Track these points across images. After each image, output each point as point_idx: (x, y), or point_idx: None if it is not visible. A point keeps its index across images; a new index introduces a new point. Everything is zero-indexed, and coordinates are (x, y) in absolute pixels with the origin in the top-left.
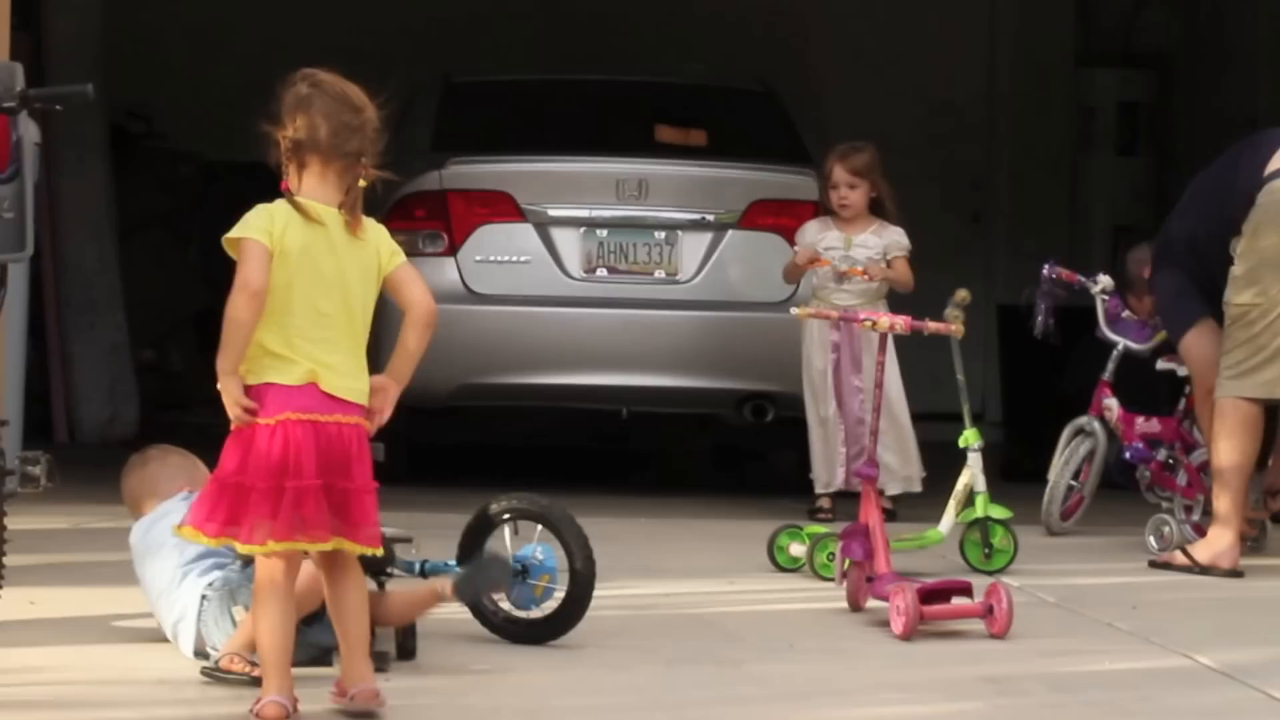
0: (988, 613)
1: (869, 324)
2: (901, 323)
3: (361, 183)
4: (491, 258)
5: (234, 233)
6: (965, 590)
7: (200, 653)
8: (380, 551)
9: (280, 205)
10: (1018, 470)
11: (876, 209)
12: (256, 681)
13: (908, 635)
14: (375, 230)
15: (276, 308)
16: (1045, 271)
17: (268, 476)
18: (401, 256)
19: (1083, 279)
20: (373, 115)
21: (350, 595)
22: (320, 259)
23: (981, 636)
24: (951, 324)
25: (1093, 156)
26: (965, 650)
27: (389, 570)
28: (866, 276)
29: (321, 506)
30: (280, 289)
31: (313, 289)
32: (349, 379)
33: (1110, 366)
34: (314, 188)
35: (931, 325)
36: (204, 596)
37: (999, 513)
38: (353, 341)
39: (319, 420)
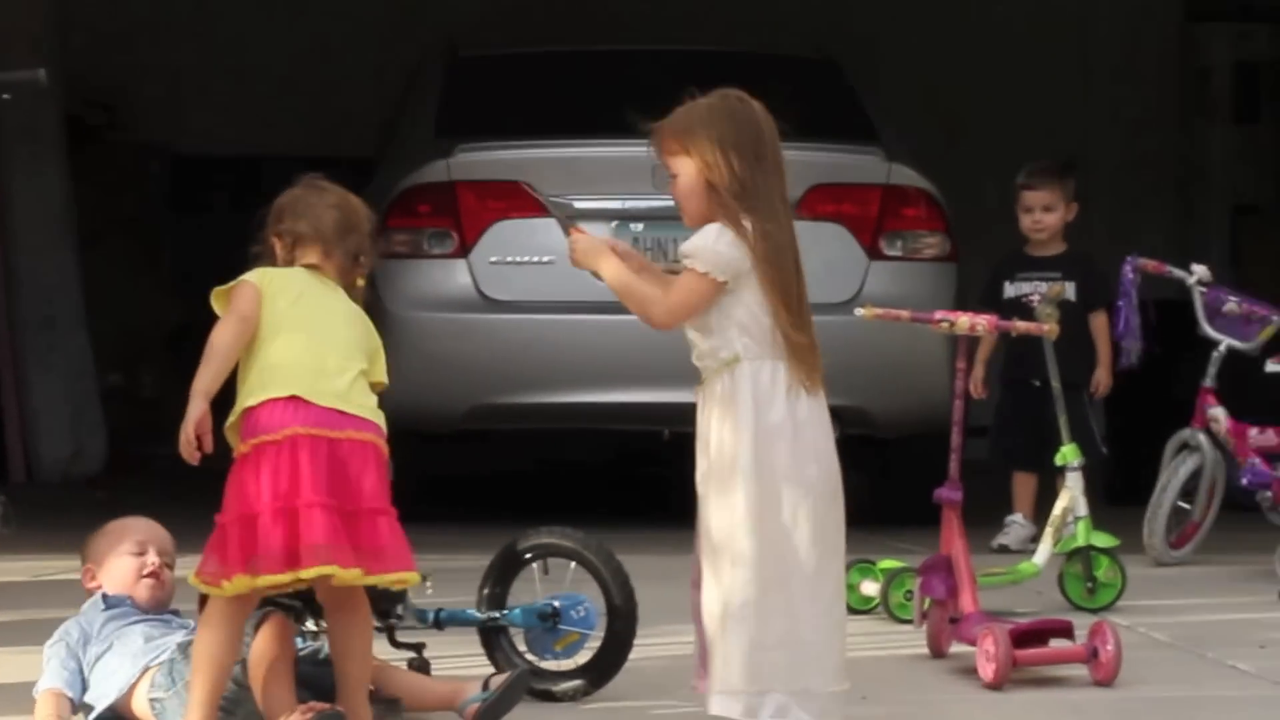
0: (1092, 656)
1: (946, 325)
2: (985, 323)
3: (360, 282)
4: (509, 258)
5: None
6: (1065, 631)
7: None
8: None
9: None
10: (1125, 492)
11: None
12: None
13: (999, 683)
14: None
15: (269, 334)
16: (1126, 268)
17: (274, 498)
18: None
19: (1174, 270)
20: (370, 222)
21: (355, 634)
22: (316, 300)
23: (1086, 684)
24: (1044, 324)
25: (1207, 126)
26: (1066, 700)
27: (397, 613)
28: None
29: (335, 529)
30: (274, 318)
31: (308, 319)
32: (356, 395)
33: (1212, 370)
34: None
35: (1020, 325)
36: (153, 700)
37: (1104, 541)
38: (352, 360)
39: (330, 436)
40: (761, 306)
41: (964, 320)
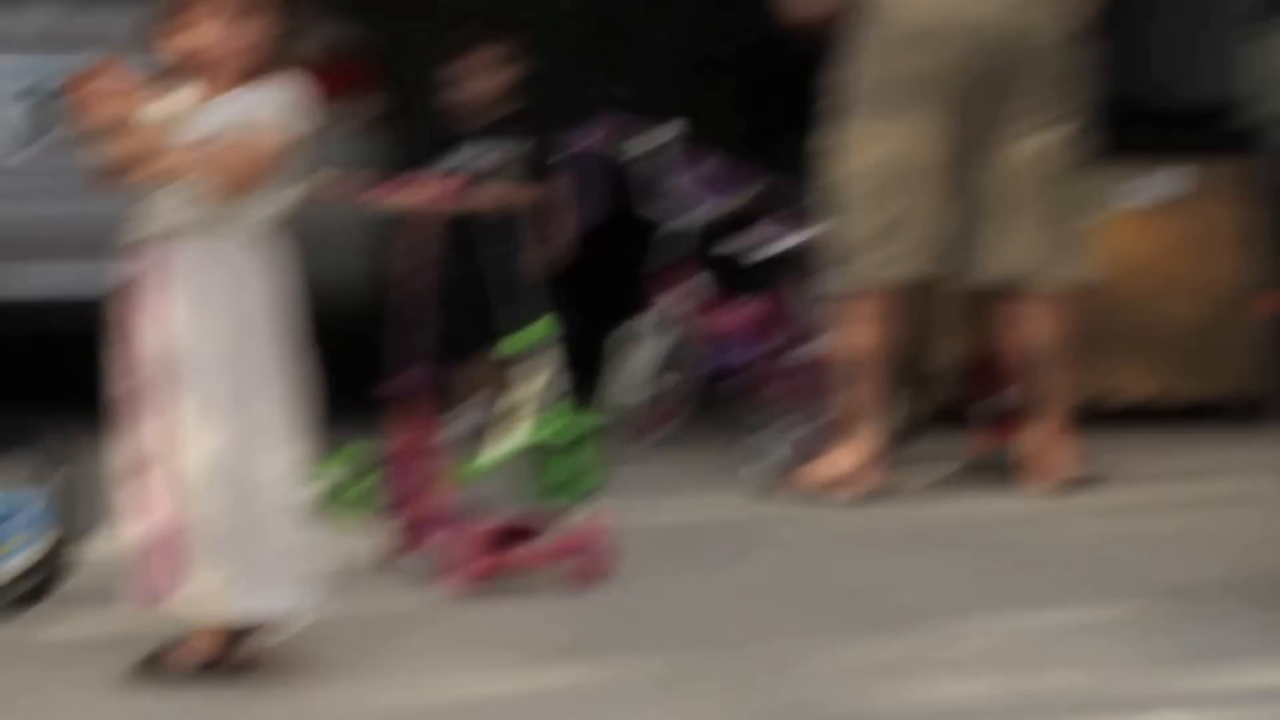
0: (573, 555)
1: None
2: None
3: None
4: None
5: None
6: (544, 528)
7: None
8: None
9: None
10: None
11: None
12: None
13: (464, 592)
14: None
15: None
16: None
17: None
18: None
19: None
20: None
21: None
22: None
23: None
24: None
25: None
26: (551, 610)
27: None
28: None
29: None
30: None
31: None
32: None
33: (670, 248)
34: None
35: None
36: None
37: (580, 427)
38: None
39: None
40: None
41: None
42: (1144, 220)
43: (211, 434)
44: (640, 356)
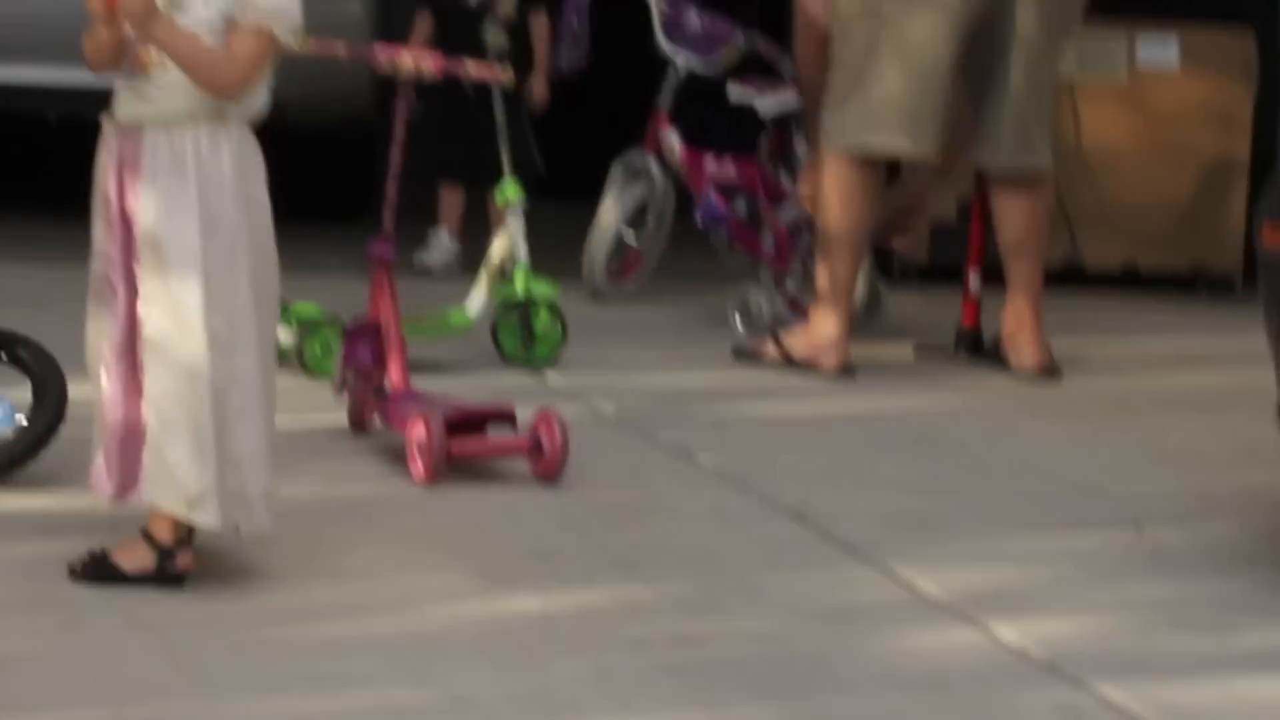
0: (534, 448)
1: (389, 65)
2: (431, 67)
3: None
4: None
5: None
6: (507, 416)
7: None
8: None
9: None
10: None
11: None
12: None
13: (430, 480)
14: None
15: None
16: None
17: None
18: None
19: None
20: None
21: None
22: None
23: (527, 480)
24: (494, 55)
25: None
26: (503, 501)
27: None
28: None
29: None
30: None
31: None
32: None
33: (667, 90)
34: None
35: (474, 71)
36: None
37: (543, 291)
38: None
39: None
40: None
41: (408, 61)
42: (1131, 89)
43: (193, 333)
44: (626, 196)
